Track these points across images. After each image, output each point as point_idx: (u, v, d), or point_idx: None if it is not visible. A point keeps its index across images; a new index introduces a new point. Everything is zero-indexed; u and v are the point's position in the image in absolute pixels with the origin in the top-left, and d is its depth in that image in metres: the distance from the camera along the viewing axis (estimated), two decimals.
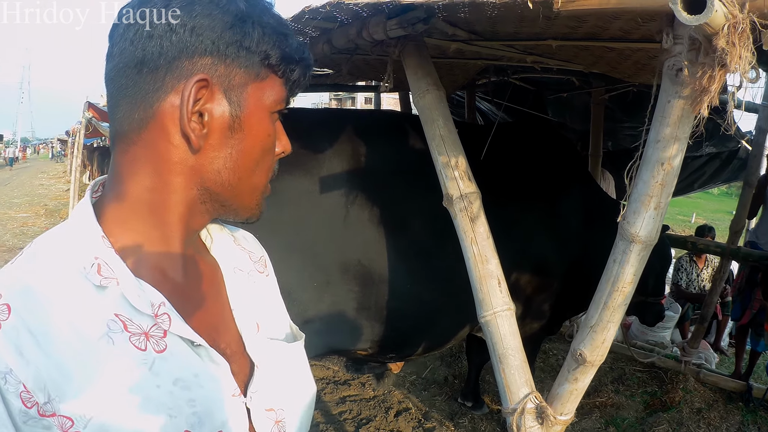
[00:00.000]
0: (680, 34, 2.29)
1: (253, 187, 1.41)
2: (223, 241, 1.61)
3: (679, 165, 2.57)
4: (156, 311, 1.27)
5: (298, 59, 1.38)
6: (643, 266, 2.78)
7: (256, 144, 1.36)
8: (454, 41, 4.03)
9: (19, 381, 1.10)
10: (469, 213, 3.43)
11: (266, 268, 1.75)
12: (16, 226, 21.26)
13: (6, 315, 1.14)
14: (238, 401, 1.37)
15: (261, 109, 1.35)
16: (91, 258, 1.25)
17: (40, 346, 1.14)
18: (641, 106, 7.51)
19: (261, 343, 1.51)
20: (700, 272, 10.86)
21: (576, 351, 3.01)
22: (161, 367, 1.25)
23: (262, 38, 1.31)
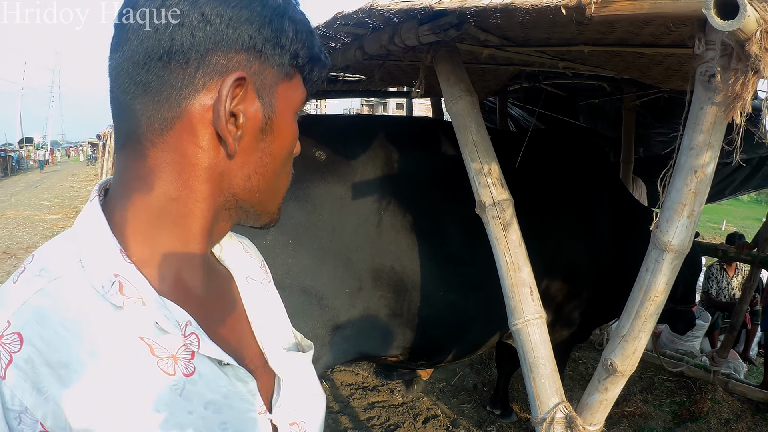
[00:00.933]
0: (712, 40, 2.26)
1: (278, 190, 1.35)
2: (233, 248, 1.53)
3: (712, 173, 2.54)
4: (184, 331, 1.17)
5: (323, 59, 1.35)
6: (676, 275, 2.75)
7: (284, 146, 1.29)
8: (486, 47, 4.01)
9: (36, 420, 1.02)
10: (502, 220, 3.41)
11: (268, 275, 1.66)
12: (46, 227, 21.57)
13: (18, 347, 1.03)
14: (264, 419, 1.31)
15: (289, 109, 1.28)
16: (110, 275, 1.13)
17: (60, 380, 1.04)
18: (672, 112, 7.48)
19: (282, 355, 1.45)
20: (730, 280, 10.80)
21: (607, 360, 2.99)
22: (191, 392, 1.17)
23: (295, 36, 1.23)
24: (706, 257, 10.29)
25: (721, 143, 2.47)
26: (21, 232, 20.60)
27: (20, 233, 20.29)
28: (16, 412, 1.00)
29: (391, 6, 2.78)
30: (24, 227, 21.66)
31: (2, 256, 16.22)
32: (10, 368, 1.01)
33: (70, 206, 28.62)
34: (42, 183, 44.28)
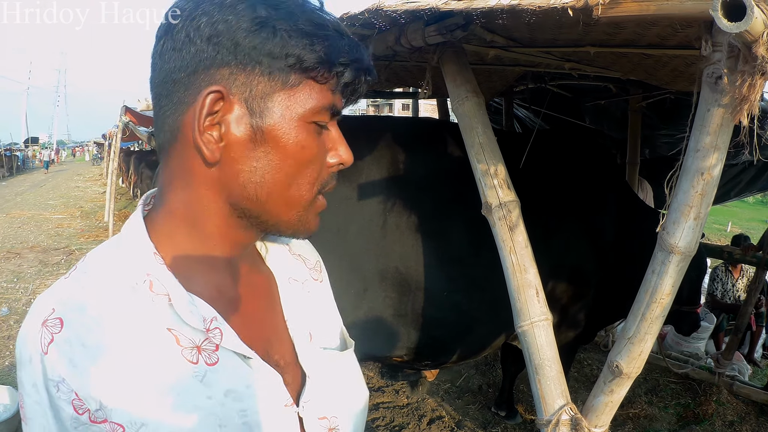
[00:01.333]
0: (719, 42, 2.26)
1: (289, 202, 1.34)
2: (278, 250, 1.62)
3: (719, 175, 2.53)
4: (207, 326, 1.30)
5: (345, 61, 1.28)
6: (682, 277, 2.74)
7: (287, 157, 1.29)
8: (493, 48, 4.01)
9: (71, 389, 1.17)
10: (508, 222, 3.41)
11: (320, 274, 1.75)
12: (52, 227, 21.56)
13: (59, 328, 1.20)
14: (290, 411, 1.40)
15: (290, 118, 1.27)
16: (143, 275, 1.29)
17: (93, 358, 1.19)
18: (679, 113, 7.48)
19: (313, 353, 1.52)
20: (735, 282, 10.77)
21: (612, 363, 2.98)
22: (212, 379, 1.28)
23: (287, 42, 1.23)
24: (712, 259, 10.28)
25: (728, 145, 2.47)
26: (26, 231, 20.62)
27: (25, 232, 20.32)
28: (55, 382, 1.17)
29: (398, 7, 2.78)
30: (29, 227, 21.68)
31: (7, 255, 16.27)
32: (51, 346, 1.18)
33: (75, 206, 28.70)
34: (47, 182, 44.40)
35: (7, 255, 16.25)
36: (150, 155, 22.97)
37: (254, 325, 1.43)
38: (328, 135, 1.35)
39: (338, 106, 1.33)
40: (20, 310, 11.32)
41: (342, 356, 1.61)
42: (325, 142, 1.34)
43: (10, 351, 9.26)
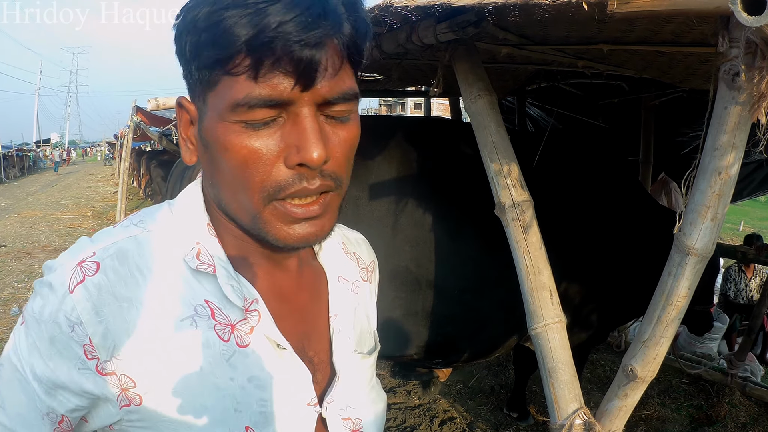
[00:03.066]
0: (736, 37, 2.22)
1: (241, 207, 1.24)
2: (332, 247, 1.60)
3: (737, 174, 2.50)
4: (247, 306, 1.30)
5: (250, 40, 1.07)
6: (698, 280, 2.70)
7: (221, 160, 1.20)
8: (505, 45, 3.98)
9: (86, 334, 1.17)
10: (522, 222, 3.38)
11: (370, 275, 1.73)
12: (63, 227, 21.78)
13: (93, 272, 1.20)
14: (311, 410, 1.38)
15: (215, 120, 1.18)
16: (193, 242, 1.31)
17: (121, 311, 1.20)
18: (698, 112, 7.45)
19: (348, 354, 1.50)
20: (748, 282, 10.74)
21: (627, 366, 2.95)
22: (239, 362, 1.28)
23: (195, 41, 1.15)
24: (725, 259, 10.22)
25: (746, 144, 2.42)
26: (37, 231, 20.79)
27: (36, 232, 20.49)
28: (72, 323, 1.17)
29: (408, 3, 2.75)
30: (40, 226, 21.86)
31: (18, 254, 16.39)
32: (79, 286, 1.18)
33: (87, 206, 28.90)
34: (59, 182, 44.79)
35: (19, 255, 16.38)
36: (162, 155, 23.03)
37: (295, 318, 1.42)
38: (288, 127, 1.15)
39: (271, 94, 1.10)
40: None
41: (369, 359, 1.59)
42: (282, 137, 1.15)
43: None
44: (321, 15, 1.09)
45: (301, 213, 1.19)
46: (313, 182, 1.17)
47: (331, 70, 1.13)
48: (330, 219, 1.26)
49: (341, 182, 1.24)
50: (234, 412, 1.26)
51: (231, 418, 1.26)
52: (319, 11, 1.08)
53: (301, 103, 1.13)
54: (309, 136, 1.13)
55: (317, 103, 1.15)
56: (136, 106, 16.10)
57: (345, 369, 1.47)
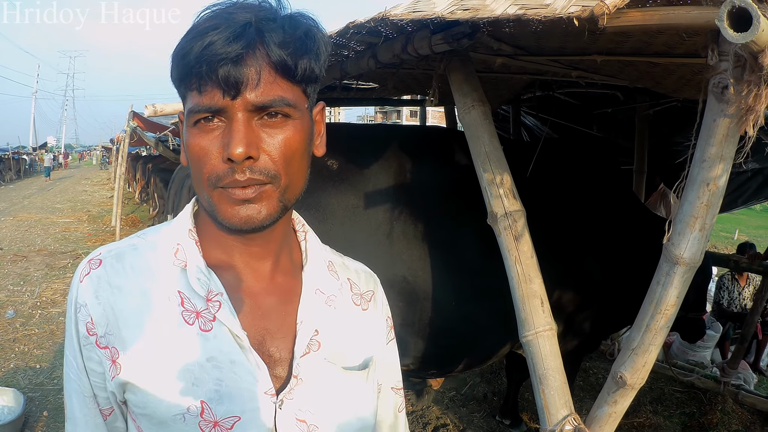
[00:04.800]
0: (725, 51, 2.25)
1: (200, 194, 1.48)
2: (316, 264, 1.73)
3: (725, 185, 2.53)
4: (211, 297, 1.51)
5: (191, 63, 1.35)
6: (687, 288, 2.74)
7: (189, 155, 1.46)
8: (500, 56, 4.01)
9: (88, 314, 1.49)
10: (514, 231, 3.41)
11: (368, 304, 1.85)
12: (58, 230, 21.75)
13: (97, 266, 1.53)
14: (267, 399, 1.51)
15: (186, 124, 1.45)
16: (174, 243, 1.58)
17: (113, 295, 1.50)
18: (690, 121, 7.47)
19: (314, 360, 1.60)
20: (741, 291, 10.79)
21: (617, 373, 2.98)
22: (200, 343, 1.49)
23: (173, 66, 1.44)
24: (718, 267, 10.25)
25: (734, 155, 2.46)
26: (33, 234, 20.76)
27: (32, 236, 20.47)
28: (80, 305, 1.50)
29: (404, 16, 2.78)
30: (36, 230, 21.83)
31: (14, 258, 16.36)
32: (86, 277, 1.52)
33: (82, 210, 28.84)
34: (55, 186, 44.55)
35: (14, 258, 16.35)
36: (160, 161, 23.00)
37: (256, 315, 1.59)
38: (226, 130, 1.39)
39: (209, 103, 1.36)
40: (26, 313, 11.39)
41: (345, 374, 1.66)
42: (219, 139, 1.40)
43: (16, 353, 9.34)
44: (238, 36, 1.33)
45: (239, 195, 1.40)
46: (241, 175, 1.38)
47: (253, 82, 1.35)
48: (267, 206, 1.44)
49: (276, 177, 1.42)
50: (192, 386, 1.47)
51: (189, 391, 1.46)
52: (238, 33, 1.33)
53: (233, 110, 1.36)
54: (234, 137, 1.35)
55: (248, 110, 1.37)
56: (132, 111, 16.07)
57: (310, 373, 1.58)
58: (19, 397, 7.20)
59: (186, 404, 1.45)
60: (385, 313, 1.91)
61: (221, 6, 1.40)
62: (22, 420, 6.96)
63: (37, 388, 8.16)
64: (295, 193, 1.52)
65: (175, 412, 1.45)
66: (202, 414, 1.46)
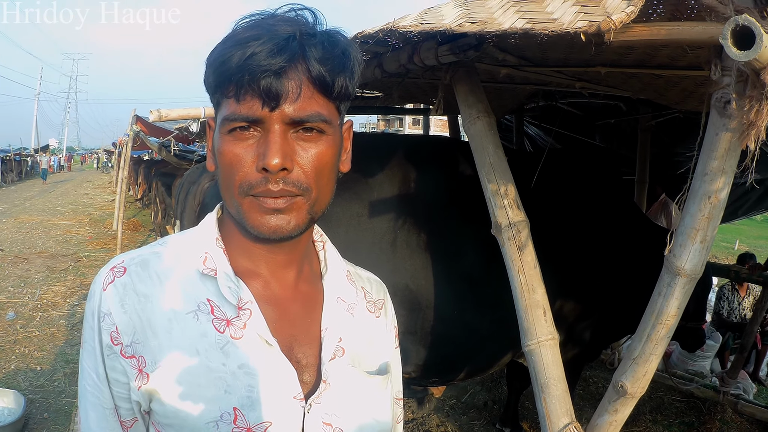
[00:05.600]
0: (728, 66, 2.28)
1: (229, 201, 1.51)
2: (336, 273, 1.77)
3: (726, 198, 2.55)
4: (241, 305, 1.53)
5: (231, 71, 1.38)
6: (688, 299, 2.76)
7: (220, 161, 1.48)
8: (504, 66, 4.03)
9: (113, 323, 1.46)
10: (517, 242, 3.44)
11: (380, 311, 1.91)
12: (60, 233, 21.76)
13: (121, 274, 1.51)
14: (296, 404, 1.53)
15: (218, 132, 1.48)
16: (202, 252, 1.58)
17: (139, 304, 1.48)
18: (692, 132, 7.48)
19: (339, 365, 1.64)
20: (741, 301, 10.81)
21: (618, 382, 3.00)
22: (232, 351, 1.50)
23: (207, 73, 1.46)
24: (718, 278, 10.26)
25: (735, 169, 2.48)
26: (34, 236, 20.81)
27: (33, 238, 20.51)
28: (103, 314, 1.47)
29: (413, 27, 2.80)
30: (37, 232, 21.87)
31: (15, 260, 16.39)
32: (110, 285, 1.49)
33: (83, 213, 28.81)
34: (56, 189, 44.44)
35: (15, 260, 16.39)
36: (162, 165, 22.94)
37: (284, 322, 1.61)
38: (262, 140, 1.42)
39: (247, 113, 1.39)
40: (27, 315, 11.42)
41: (367, 378, 1.71)
42: (256, 147, 1.43)
43: (16, 355, 9.36)
44: (282, 49, 1.35)
45: (270, 204, 1.43)
46: (275, 186, 1.41)
47: (293, 96, 1.38)
48: (296, 217, 1.47)
49: (308, 190, 1.46)
50: (224, 393, 1.47)
51: (221, 398, 1.46)
52: (281, 46, 1.36)
53: (271, 121, 1.39)
54: (271, 147, 1.38)
55: (285, 122, 1.40)
56: (136, 116, 16.05)
57: (336, 378, 1.61)
58: (20, 399, 7.23)
59: (219, 412, 1.46)
60: (393, 321, 1.96)
61: (261, 17, 1.45)
62: (22, 422, 6.98)
63: (38, 390, 8.19)
64: (323, 206, 1.55)
65: (208, 420, 1.45)
66: (235, 421, 1.46)
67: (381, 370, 1.79)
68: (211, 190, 4.85)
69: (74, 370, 8.82)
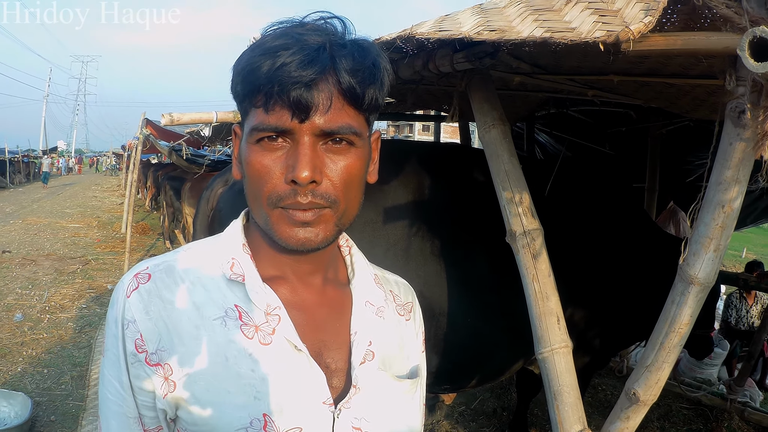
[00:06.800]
0: (743, 76, 2.29)
1: (256, 211, 1.51)
2: (364, 277, 1.77)
3: (739, 207, 2.56)
4: (270, 311, 1.52)
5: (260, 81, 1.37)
6: (700, 308, 2.78)
7: (248, 172, 1.47)
8: (518, 74, 4.04)
9: (137, 330, 1.45)
10: (532, 249, 3.45)
11: (409, 314, 1.90)
12: (68, 236, 21.75)
13: (146, 280, 1.50)
14: (325, 409, 1.52)
15: (246, 141, 1.47)
16: (229, 258, 1.57)
17: (165, 310, 1.47)
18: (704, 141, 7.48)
19: (369, 369, 1.62)
20: (749, 309, 10.81)
21: (630, 390, 3.01)
22: (260, 357, 1.49)
23: (235, 81, 1.46)
24: (727, 286, 10.25)
25: (749, 178, 2.49)
26: (42, 238, 20.85)
27: (41, 239, 20.56)
28: (128, 321, 1.45)
29: (431, 34, 2.81)
30: (45, 234, 21.91)
31: (23, 261, 16.41)
32: (134, 292, 1.47)
33: (92, 215, 28.79)
34: (64, 190, 44.36)
35: (23, 261, 16.42)
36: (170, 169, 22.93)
37: (312, 327, 1.60)
38: (291, 151, 1.41)
39: (276, 123, 1.38)
40: (34, 317, 11.43)
41: (396, 382, 1.70)
42: (285, 159, 1.42)
43: (23, 357, 9.37)
44: (312, 61, 1.34)
45: (299, 217, 1.42)
46: (304, 198, 1.40)
47: (323, 107, 1.37)
48: (324, 229, 1.47)
49: (336, 202, 1.45)
50: (253, 400, 1.46)
51: (251, 405, 1.46)
52: (312, 57, 1.34)
53: (300, 133, 1.38)
54: (301, 159, 1.37)
55: (315, 134, 1.39)
56: (146, 119, 16.07)
57: (366, 382, 1.60)
58: (27, 402, 7.23)
59: (249, 418, 1.45)
60: (421, 325, 1.95)
61: (288, 24, 1.44)
62: (28, 424, 6.99)
63: (45, 392, 8.20)
64: (350, 218, 1.54)
65: (238, 427, 1.45)
66: (265, 427, 1.45)
67: (411, 374, 1.79)
68: (224, 195, 4.86)
69: (81, 373, 8.90)
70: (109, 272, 16.00)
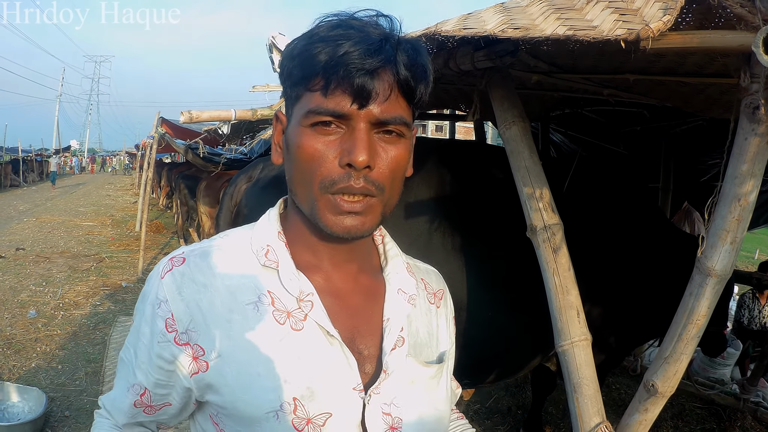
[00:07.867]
0: (757, 73, 2.34)
1: (302, 195, 1.56)
2: (397, 265, 1.81)
3: (755, 200, 2.60)
4: (302, 297, 1.56)
5: (322, 66, 1.42)
6: (717, 299, 2.81)
7: (297, 155, 1.51)
8: (535, 73, 4.07)
9: (169, 310, 1.52)
10: (552, 244, 3.50)
11: (440, 302, 1.97)
12: (82, 233, 21.87)
13: (180, 263, 1.57)
14: (356, 395, 1.56)
15: (295, 124, 1.52)
16: (264, 245, 1.62)
17: (198, 293, 1.53)
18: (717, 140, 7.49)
19: (400, 355, 1.66)
20: (762, 309, 10.79)
21: (648, 382, 3.04)
22: (292, 342, 1.53)
23: (290, 65, 1.51)
24: (739, 285, 10.26)
25: (763, 172, 2.54)
26: (56, 236, 20.95)
27: (55, 238, 20.65)
28: (159, 301, 1.53)
29: (455, 32, 2.84)
30: (59, 232, 22.01)
31: (37, 259, 16.52)
32: (168, 274, 1.55)
33: (106, 214, 28.81)
34: (78, 189, 44.40)
35: (37, 259, 16.53)
36: (185, 168, 22.93)
37: (346, 314, 1.65)
38: (346, 136, 1.46)
39: (335, 107, 1.43)
40: (48, 313, 11.52)
41: (429, 369, 1.74)
42: (340, 143, 1.46)
43: (37, 353, 9.46)
44: (377, 51, 1.40)
45: (346, 207, 1.48)
46: (357, 182, 1.45)
47: (382, 96, 1.44)
48: (371, 219, 1.52)
49: (383, 190, 1.51)
50: (283, 383, 1.50)
51: (280, 388, 1.50)
52: (377, 47, 1.40)
53: (357, 119, 1.44)
54: (358, 144, 1.43)
55: (371, 122, 1.45)
56: (161, 117, 16.10)
57: (396, 368, 1.63)
58: (41, 397, 7.32)
59: (278, 401, 1.49)
60: (452, 312, 2.01)
61: (342, 17, 1.50)
62: (42, 419, 7.05)
63: (59, 388, 8.27)
64: (391, 208, 1.60)
65: (268, 410, 1.48)
66: (295, 411, 1.49)
67: (440, 359, 1.82)
68: (248, 192, 4.92)
69: (96, 369, 8.97)
70: (123, 270, 16.06)
